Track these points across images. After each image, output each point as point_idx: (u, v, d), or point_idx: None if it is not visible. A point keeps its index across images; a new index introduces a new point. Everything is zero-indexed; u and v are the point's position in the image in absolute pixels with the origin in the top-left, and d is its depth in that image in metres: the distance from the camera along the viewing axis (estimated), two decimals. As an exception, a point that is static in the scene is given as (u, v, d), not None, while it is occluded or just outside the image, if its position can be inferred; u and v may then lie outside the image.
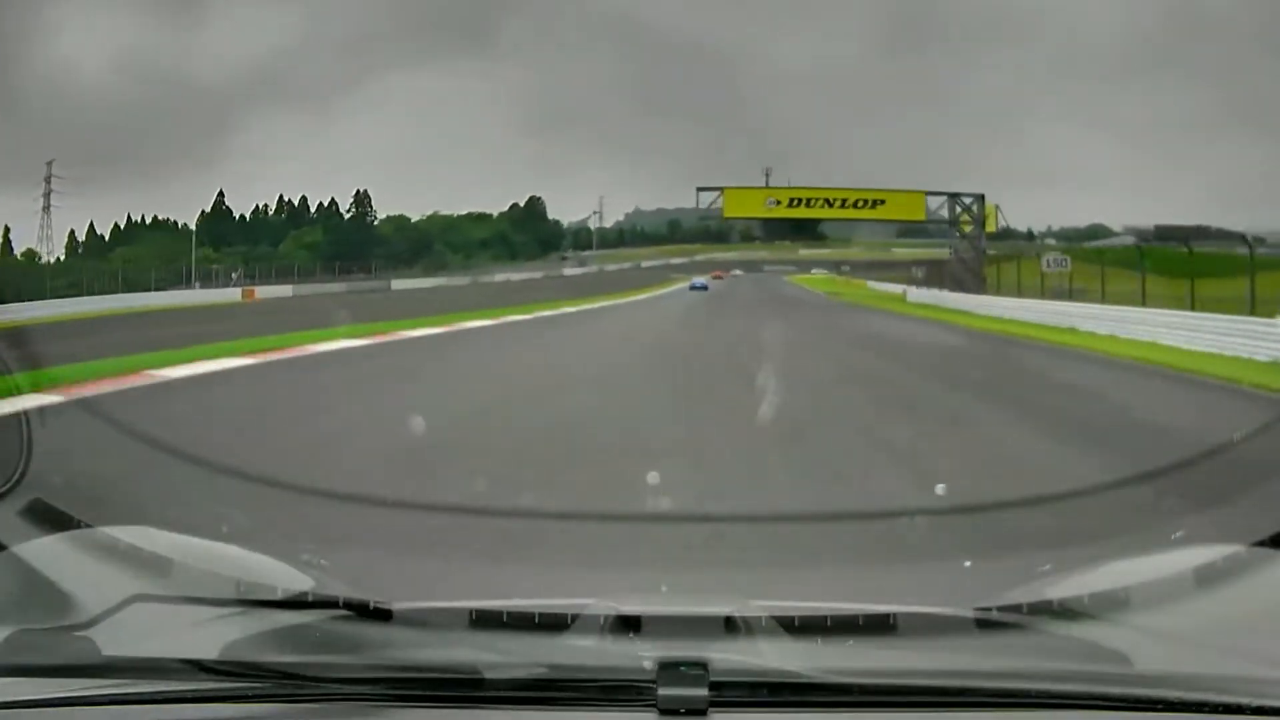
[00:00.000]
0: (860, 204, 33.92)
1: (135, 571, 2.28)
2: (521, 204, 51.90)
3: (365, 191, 47.59)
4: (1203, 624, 2.04)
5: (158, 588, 2.21)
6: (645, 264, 53.22)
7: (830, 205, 34.22)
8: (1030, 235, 39.83)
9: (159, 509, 4.97)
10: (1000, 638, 1.97)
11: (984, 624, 1.98)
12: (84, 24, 50.18)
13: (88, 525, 2.50)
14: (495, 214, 51.65)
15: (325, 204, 46.33)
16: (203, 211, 42.85)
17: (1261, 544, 2.40)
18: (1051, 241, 37.15)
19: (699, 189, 34.05)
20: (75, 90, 43.60)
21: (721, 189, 33.77)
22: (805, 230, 53.61)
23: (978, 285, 31.75)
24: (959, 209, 33.41)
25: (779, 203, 34.35)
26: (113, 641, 1.81)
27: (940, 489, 5.83)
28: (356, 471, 6.62)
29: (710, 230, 53.10)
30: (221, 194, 43.33)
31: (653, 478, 5.92)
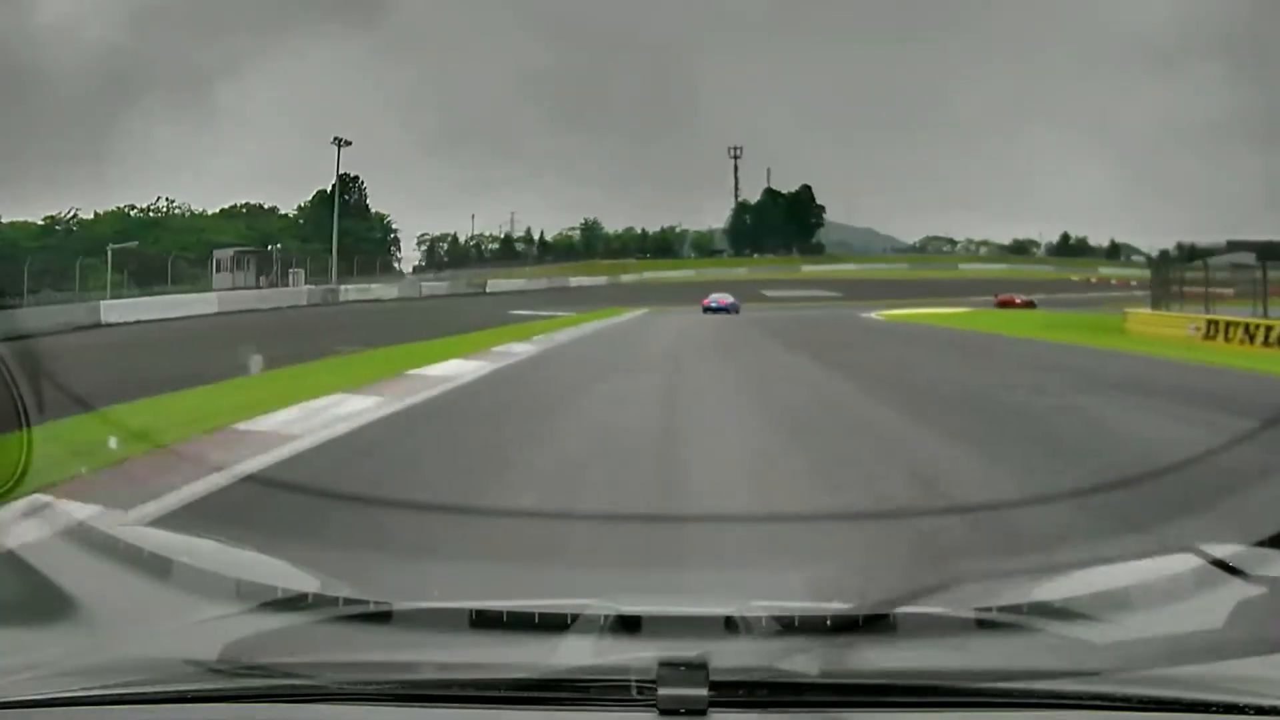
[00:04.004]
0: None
1: (135, 571, 2.28)
2: (329, 190, 33.99)
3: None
4: (1202, 624, 2.04)
5: (158, 588, 2.21)
6: (504, 285, 34.63)
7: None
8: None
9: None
10: (1000, 638, 1.97)
11: (984, 624, 1.98)
12: None
13: (88, 525, 2.50)
14: (296, 208, 34.20)
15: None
16: None
17: (1261, 544, 2.41)
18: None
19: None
20: None
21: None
22: (796, 238, 42.81)
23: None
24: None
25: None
26: (113, 641, 1.81)
27: None
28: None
29: (648, 240, 39.61)
30: None
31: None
